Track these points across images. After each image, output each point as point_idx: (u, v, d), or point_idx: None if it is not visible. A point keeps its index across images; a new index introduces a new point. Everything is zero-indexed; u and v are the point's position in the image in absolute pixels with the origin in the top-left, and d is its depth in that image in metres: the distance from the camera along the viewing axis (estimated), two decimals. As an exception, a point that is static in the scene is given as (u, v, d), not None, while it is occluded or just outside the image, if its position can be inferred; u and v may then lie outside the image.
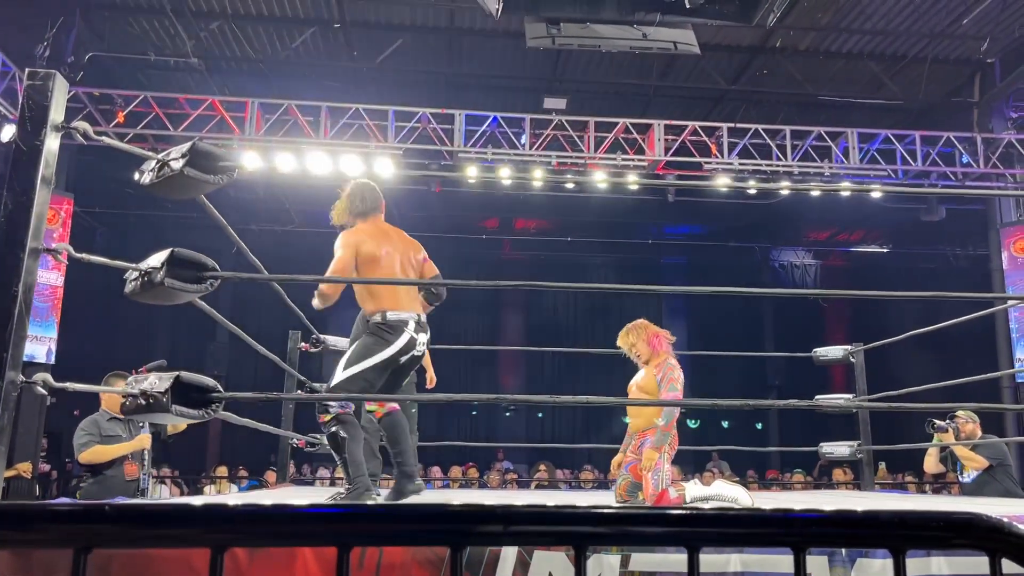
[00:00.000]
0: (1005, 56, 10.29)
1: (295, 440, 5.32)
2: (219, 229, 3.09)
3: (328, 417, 3.41)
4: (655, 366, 3.97)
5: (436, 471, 10.46)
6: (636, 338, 4.02)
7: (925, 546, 0.68)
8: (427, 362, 4.72)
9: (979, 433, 5.26)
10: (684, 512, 0.69)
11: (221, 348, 13.40)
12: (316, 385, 5.72)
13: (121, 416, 4.35)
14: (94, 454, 4.38)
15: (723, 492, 3.78)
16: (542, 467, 9.69)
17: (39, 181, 2.04)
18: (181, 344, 14.06)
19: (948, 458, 5.48)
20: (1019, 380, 9.98)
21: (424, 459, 5.59)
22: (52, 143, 2.10)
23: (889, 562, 2.48)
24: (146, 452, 4.64)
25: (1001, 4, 9.16)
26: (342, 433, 3.38)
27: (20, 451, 8.06)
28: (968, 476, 5.21)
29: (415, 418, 4.97)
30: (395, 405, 3.65)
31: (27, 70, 2.15)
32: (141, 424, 4.56)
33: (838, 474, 9.63)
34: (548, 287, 3.08)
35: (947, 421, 5.20)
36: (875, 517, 0.68)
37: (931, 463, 5.66)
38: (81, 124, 2.29)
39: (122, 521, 0.62)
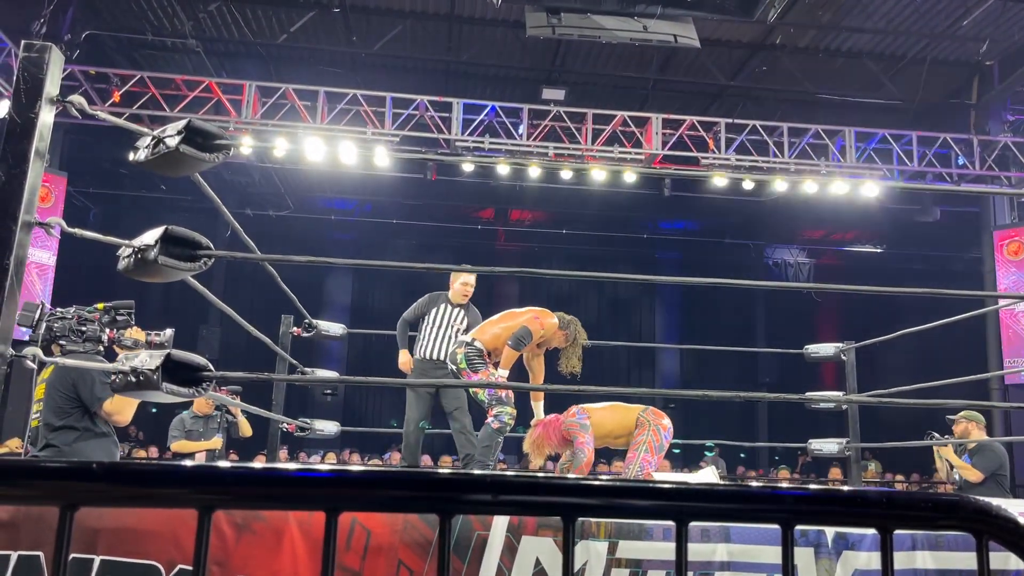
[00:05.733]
0: (1004, 59, 10.31)
1: (285, 424, 5.31)
2: (214, 212, 3.08)
3: None
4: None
5: (426, 460, 10.47)
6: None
7: (912, 526, 0.68)
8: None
9: (972, 433, 5.09)
10: (673, 486, 0.69)
11: (213, 332, 13.35)
12: (307, 370, 5.71)
13: (202, 414, 5.70)
14: (179, 447, 5.68)
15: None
16: (532, 457, 9.68)
17: (33, 154, 2.02)
18: (172, 327, 14.01)
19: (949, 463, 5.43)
20: (1008, 382, 10.03)
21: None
22: (47, 116, 2.08)
23: (874, 555, 2.50)
24: (218, 451, 5.85)
25: (1001, 7, 9.17)
26: None
27: (9, 428, 8.02)
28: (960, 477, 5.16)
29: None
30: None
31: (23, 42, 2.13)
32: (219, 420, 5.80)
33: (835, 472, 9.61)
34: (541, 274, 3.09)
35: (947, 436, 5.10)
36: (863, 495, 0.69)
37: (942, 471, 5.61)
38: (76, 98, 2.27)
39: (109, 479, 0.62)
